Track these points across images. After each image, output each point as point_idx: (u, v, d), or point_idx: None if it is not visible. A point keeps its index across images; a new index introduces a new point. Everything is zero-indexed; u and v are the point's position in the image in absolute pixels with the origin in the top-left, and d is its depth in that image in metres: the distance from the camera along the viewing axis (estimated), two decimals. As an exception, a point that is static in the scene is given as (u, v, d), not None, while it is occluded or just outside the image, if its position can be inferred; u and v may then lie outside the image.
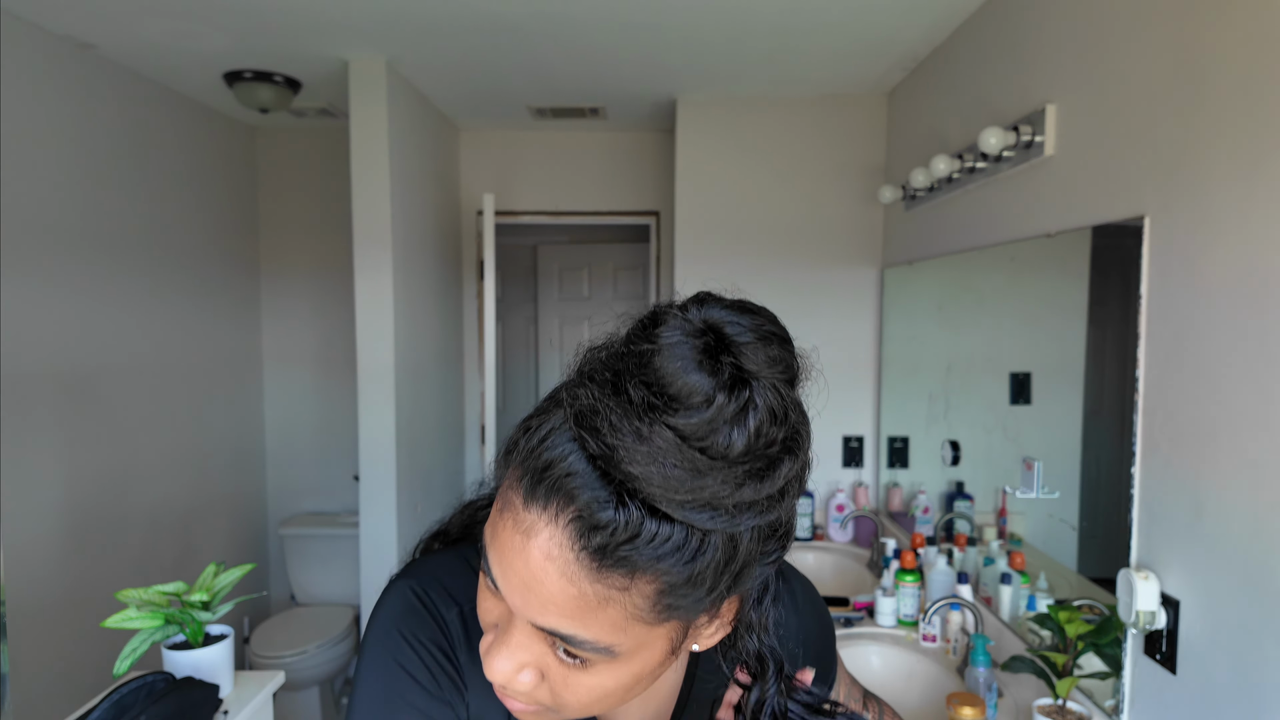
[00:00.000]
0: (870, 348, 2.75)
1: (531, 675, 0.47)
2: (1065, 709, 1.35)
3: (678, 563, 0.42)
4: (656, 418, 0.40)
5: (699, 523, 0.42)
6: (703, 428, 0.40)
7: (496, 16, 2.01)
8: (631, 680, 0.48)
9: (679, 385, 0.40)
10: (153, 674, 1.26)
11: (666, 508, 0.41)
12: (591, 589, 0.42)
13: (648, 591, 0.43)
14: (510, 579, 0.45)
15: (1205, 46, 1.14)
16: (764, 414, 0.41)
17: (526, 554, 0.43)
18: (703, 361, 0.41)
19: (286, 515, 3.28)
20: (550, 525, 0.42)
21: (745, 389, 0.41)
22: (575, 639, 0.44)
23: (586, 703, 0.48)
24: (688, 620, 0.47)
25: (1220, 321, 1.10)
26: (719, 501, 0.41)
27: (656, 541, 0.41)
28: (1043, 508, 1.61)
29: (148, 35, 2.12)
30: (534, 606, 0.44)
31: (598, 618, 0.43)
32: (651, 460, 0.40)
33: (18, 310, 1.98)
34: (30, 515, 2.03)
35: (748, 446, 0.41)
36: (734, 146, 2.74)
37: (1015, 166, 1.68)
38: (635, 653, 0.46)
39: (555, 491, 0.42)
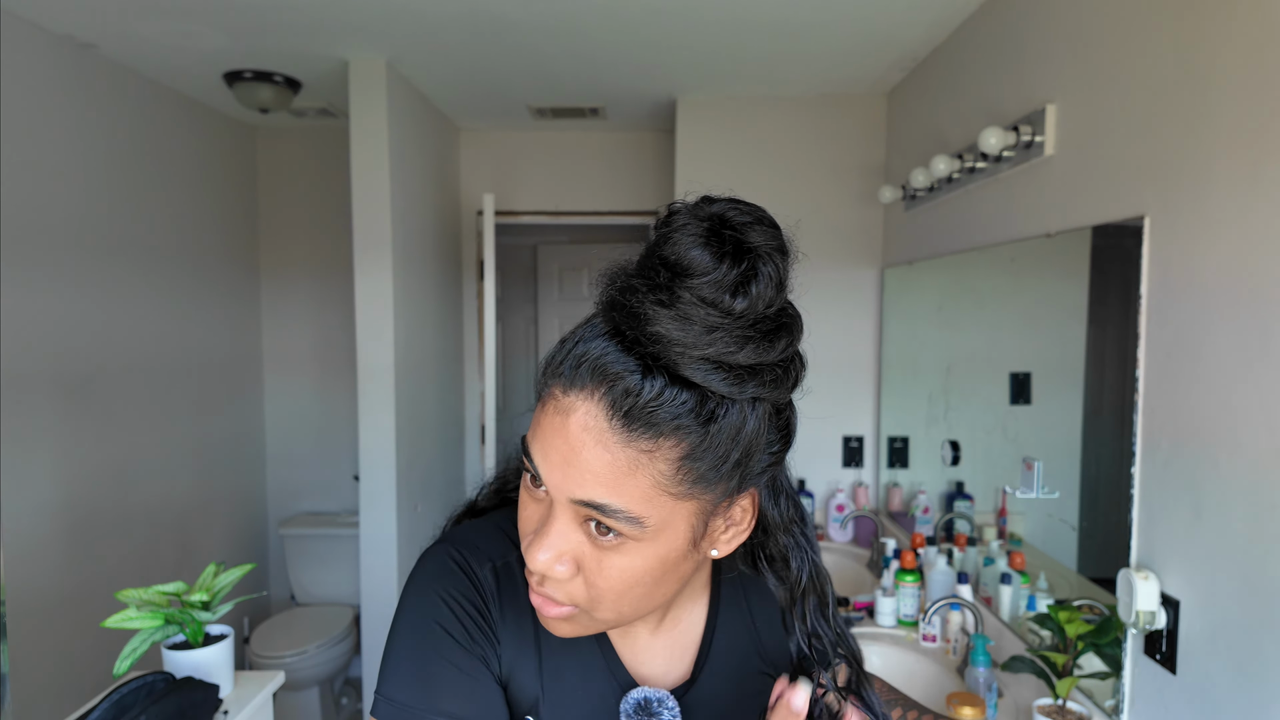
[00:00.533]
0: (870, 348, 2.75)
1: (568, 565, 0.53)
2: (1065, 709, 1.35)
3: (695, 423, 0.49)
4: (675, 284, 0.48)
5: (712, 384, 0.49)
6: (712, 287, 0.48)
7: (497, 16, 2.02)
8: (659, 565, 0.53)
9: (691, 256, 0.48)
10: (153, 674, 1.26)
11: (685, 369, 0.49)
12: (623, 453, 0.49)
13: (671, 457, 0.50)
14: (551, 457, 0.51)
15: (1206, 46, 1.14)
16: (764, 280, 0.49)
17: (566, 430, 0.50)
18: (709, 239, 0.49)
19: (286, 515, 3.28)
20: (586, 401, 0.50)
21: (746, 258, 0.49)
22: (609, 508, 0.50)
23: (619, 588, 0.53)
24: (706, 504, 0.53)
25: (1220, 321, 1.10)
26: (728, 359, 0.49)
27: (676, 403, 0.49)
28: (1043, 508, 1.61)
29: (148, 35, 2.12)
30: (573, 479, 0.50)
31: (629, 485, 0.50)
32: (672, 320, 0.48)
33: (18, 310, 1.98)
34: (30, 515, 2.03)
35: (750, 305, 0.49)
36: (734, 146, 2.74)
37: (1015, 166, 1.68)
38: (661, 531, 0.52)
39: (591, 373, 0.50)
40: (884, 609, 1.92)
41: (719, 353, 0.48)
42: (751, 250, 0.49)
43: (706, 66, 2.41)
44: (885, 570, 2.06)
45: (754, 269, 0.49)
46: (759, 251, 0.50)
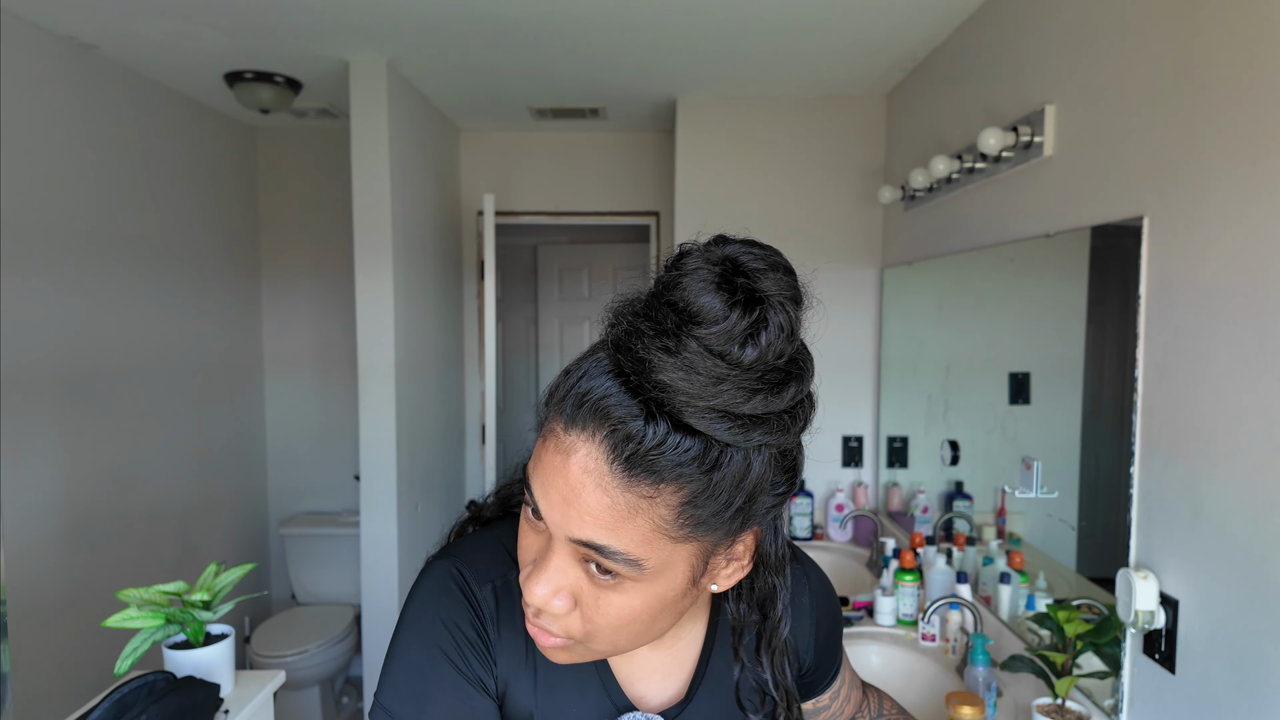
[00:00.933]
0: (870, 348, 2.75)
1: (565, 600, 0.52)
2: (1064, 708, 1.35)
3: (697, 471, 0.48)
4: (683, 332, 0.47)
5: (717, 433, 0.48)
6: (721, 338, 0.46)
7: (497, 17, 2.02)
8: (656, 604, 0.53)
9: (701, 304, 0.47)
10: (154, 673, 1.26)
11: (690, 416, 0.47)
12: (623, 498, 0.48)
13: (672, 503, 0.49)
14: (551, 496, 0.51)
15: (1204, 47, 1.14)
16: (774, 330, 0.48)
17: (566, 471, 0.49)
18: (721, 284, 0.47)
19: (287, 515, 3.28)
20: (588, 443, 0.49)
21: (757, 307, 0.47)
22: (608, 549, 0.49)
23: (615, 625, 0.53)
24: (707, 545, 0.53)
25: (1219, 321, 1.11)
26: (734, 409, 0.47)
27: (679, 450, 0.48)
28: (1042, 507, 1.61)
29: (148, 35, 2.13)
30: (572, 520, 0.50)
31: (628, 529, 0.49)
32: (678, 369, 0.46)
33: (18, 310, 1.98)
34: (31, 515, 2.03)
35: (760, 356, 0.47)
36: (734, 147, 2.74)
37: (1014, 167, 1.69)
38: (660, 573, 0.51)
39: (593, 414, 0.49)
40: (883, 608, 1.92)
41: (725, 403, 0.47)
42: (764, 299, 0.48)
43: (706, 66, 2.41)
44: (884, 570, 2.06)
45: (765, 319, 0.47)
46: (771, 301, 0.48)
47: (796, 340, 0.51)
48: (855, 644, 1.84)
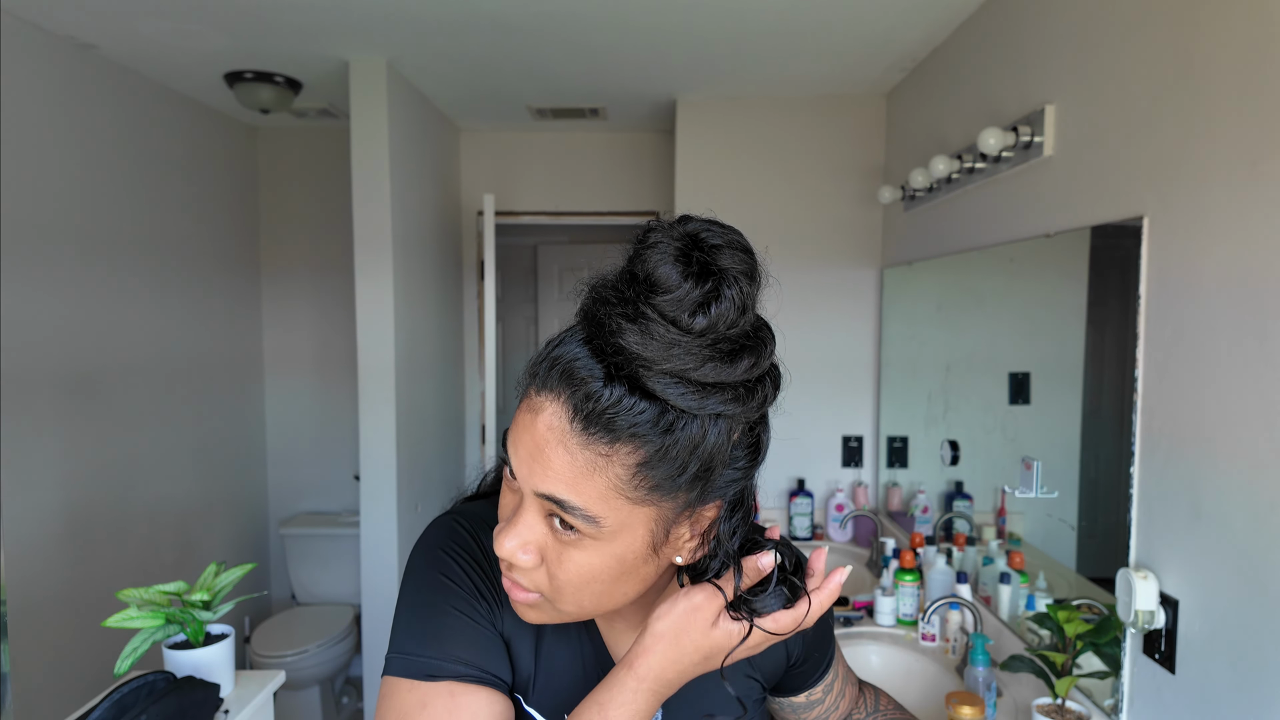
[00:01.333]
0: (869, 348, 2.75)
1: (532, 555, 0.56)
2: (1064, 708, 1.35)
3: (652, 433, 0.51)
4: (641, 300, 0.51)
5: (672, 397, 0.51)
6: (674, 305, 0.50)
7: (497, 17, 2.02)
8: (616, 565, 0.55)
9: (659, 274, 0.50)
10: (153, 673, 1.26)
11: (647, 380, 0.51)
12: (582, 455, 0.51)
13: (628, 463, 0.52)
14: (520, 452, 0.54)
15: (1204, 47, 1.14)
16: (726, 302, 0.51)
17: (534, 428, 0.53)
18: (679, 257, 0.51)
19: (287, 515, 3.28)
20: (554, 403, 0.53)
21: (711, 279, 0.51)
22: (568, 504, 0.52)
23: (577, 583, 0.56)
24: (666, 512, 0.55)
25: (1219, 321, 1.11)
26: (688, 374, 0.50)
27: (634, 411, 0.51)
28: (1042, 507, 1.61)
29: (148, 36, 2.13)
30: (537, 474, 0.53)
31: (587, 486, 0.52)
32: (635, 333, 0.50)
33: (18, 310, 1.98)
34: (31, 515, 2.03)
35: (711, 325, 0.50)
36: (734, 147, 2.74)
37: (1014, 167, 1.69)
38: (618, 533, 0.54)
39: (560, 377, 0.53)
40: (883, 608, 1.92)
41: (678, 368, 0.50)
42: (718, 272, 0.51)
43: (706, 66, 2.41)
44: (884, 570, 2.06)
45: (717, 291, 0.51)
46: (726, 275, 0.51)
47: (750, 314, 0.53)
48: (855, 644, 1.84)
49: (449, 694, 0.59)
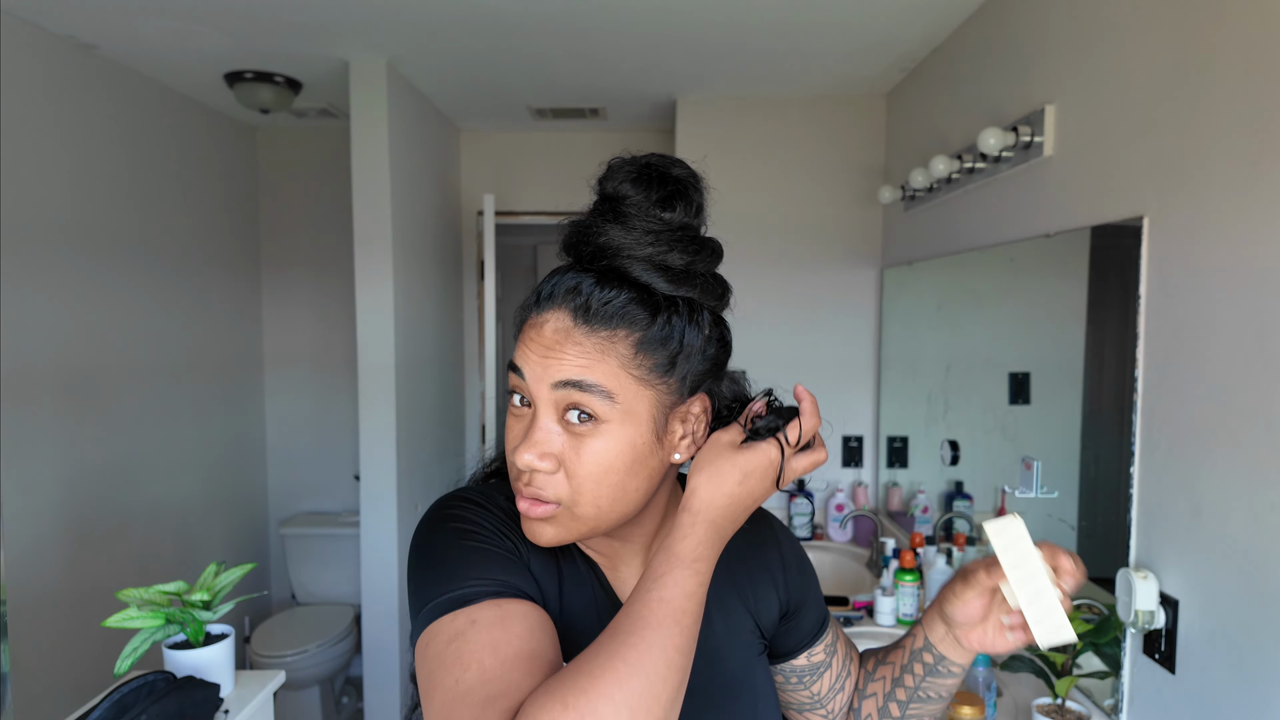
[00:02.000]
0: (869, 348, 2.75)
1: (550, 461, 0.60)
2: (1064, 708, 1.35)
3: (643, 314, 0.60)
4: (616, 207, 0.63)
5: (654, 282, 0.62)
6: (646, 204, 0.62)
7: (497, 17, 2.02)
8: (630, 452, 0.61)
9: (626, 188, 0.63)
10: (153, 673, 1.26)
11: (631, 269, 0.62)
12: (590, 342, 0.59)
13: (629, 342, 0.60)
14: (532, 358, 0.61)
15: (1204, 47, 1.14)
16: (685, 200, 0.64)
17: (543, 336, 0.61)
18: (640, 174, 0.64)
19: (287, 515, 3.28)
20: (557, 312, 0.61)
21: (669, 185, 0.63)
22: (585, 382, 0.59)
23: (596, 474, 0.60)
24: (663, 396, 0.62)
25: (1219, 321, 1.11)
26: (663, 260, 0.62)
27: (626, 298, 0.60)
28: (1042, 507, 1.61)
29: (148, 35, 2.13)
30: (552, 367, 0.59)
31: (599, 367, 0.59)
32: (616, 229, 0.62)
33: (18, 310, 1.98)
34: (31, 515, 2.03)
35: (677, 217, 0.63)
36: (734, 146, 2.74)
37: (1014, 167, 1.69)
38: (628, 414, 0.60)
39: (557, 292, 0.62)
40: (883, 608, 1.92)
41: (656, 254, 0.62)
42: (674, 179, 0.64)
43: (706, 66, 2.41)
44: (884, 570, 2.06)
45: (677, 191, 0.63)
46: (680, 180, 0.64)
47: (704, 216, 0.66)
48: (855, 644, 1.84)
49: (495, 606, 0.57)
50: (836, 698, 0.80)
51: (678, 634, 0.52)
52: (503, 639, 0.54)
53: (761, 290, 2.73)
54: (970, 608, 0.69)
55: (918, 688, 0.76)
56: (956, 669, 0.73)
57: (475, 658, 0.53)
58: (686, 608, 0.54)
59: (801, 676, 0.80)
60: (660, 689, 0.50)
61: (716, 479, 0.61)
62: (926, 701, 0.76)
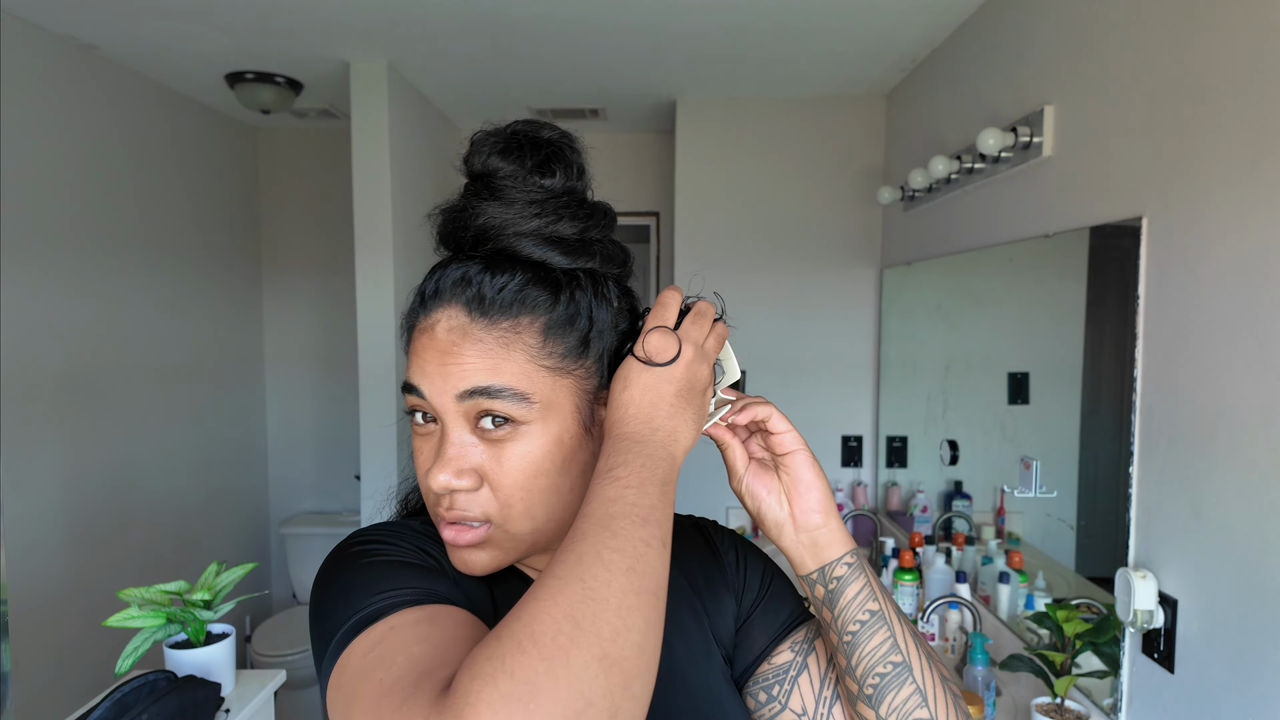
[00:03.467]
0: (869, 348, 2.75)
1: (470, 477, 0.54)
2: (1063, 707, 1.35)
3: (544, 295, 0.55)
4: (489, 184, 0.57)
5: (550, 258, 0.56)
6: (521, 174, 0.57)
7: (497, 18, 2.02)
8: (557, 449, 0.55)
9: (494, 162, 0.57)
10: (154, 673, 1.27)
11: (521, 248, 0.56)
12: (491, 337, 0.53)
13: (534, 329, 0.54)
14: (429, 369, 0.54)
15: (1203, 48, 1.14)
16: (563, 163, 0.58)
17: (435, 340, 0.54)
18: (507, 145, 0.57)
19: (287, 514, 3.28)
20: (446, 310, 0.54)
21: (543, 149, 0.57)
22: (493, 388, 0.52)
23: (524, 480, 0.54)
24: (582, 382, 0.56)
25: (1218, 321, 1.11)
26: (556, 231, 0.56)
27: (521, 280, 0.54)
28: (1041, 507, 1.61)
29: (149, 36, 2.13)
30: (454, 375, 0.53)
31: (506, 365, 0.53)
32: (495, 206, 0.56)
33: (19, 310, 1.98)
34: (32, 514, 2.03)
35: (557, 182, 0.57)
36: (734, 147, 2.74)
37: (1013, 167, 1.69)
38: (548, 410, 0.54)
39: (443, 288, 0.55)
40: (883, 608, 1.92)
41: (544, 226, 0.56)
42: (546, 143, 0.58)
43: (706, 67, 2.42)
44: (884, 569, 2.06)
45: (552, 154, 0.57)
46: (553, 143, 0.58)
47: (587, 176, 0.60)
48: (855, 643, 1.84)
49: (417, 610, 0.48)
50: (833, 710, 0.63)
51: (609, 536, 0.44)
52: (432, 630, 0.46)
53: (762, 290, 2.74)
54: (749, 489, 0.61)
55: (833, 632, 0.60)
56: (810, 573, 0.60)
57: (402, 650, 0.45)
58: (613, 511, 0.46)
59: (771, 689, 0.65)
60: (604, 591, 0.41)
61: (612, 398, 0.55)
62: (856, 648, 0.59)
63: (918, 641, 0.60)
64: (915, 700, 0.58)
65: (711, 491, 2.47)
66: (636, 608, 0.42)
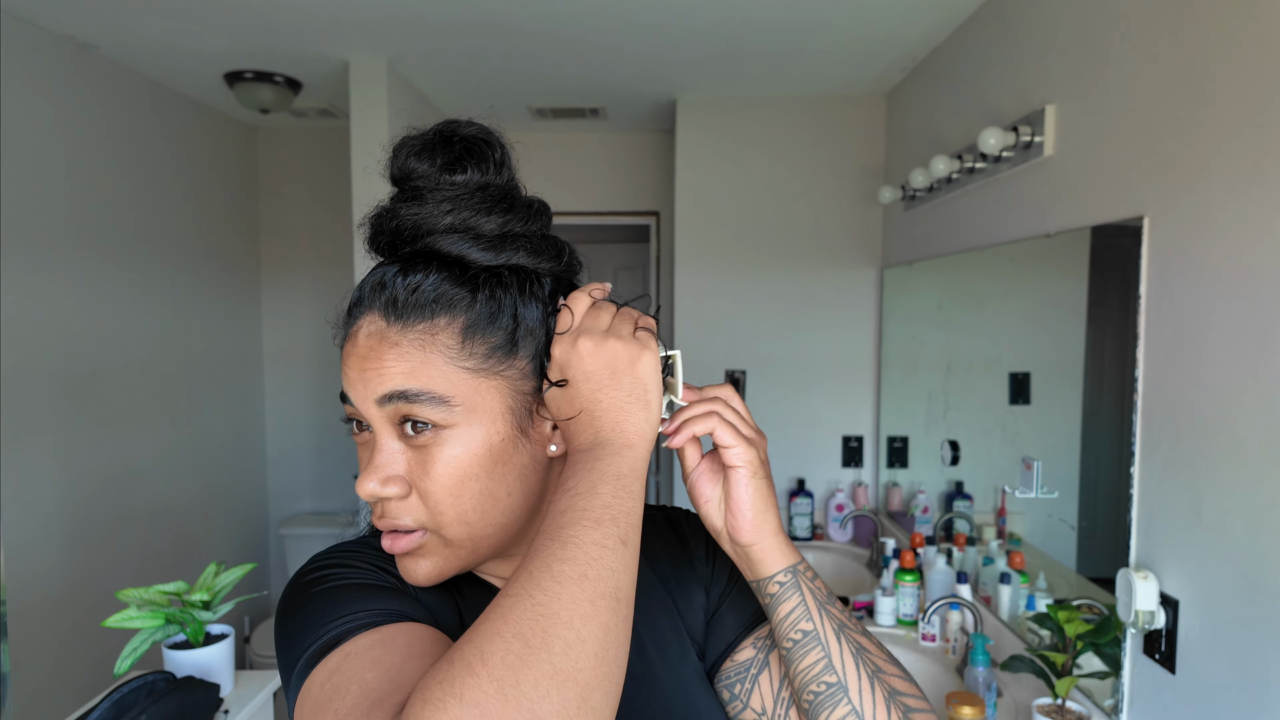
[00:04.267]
0: (870, 348, 2.75)
1: (398, 485, 0.53)
2: (1064, 708, 1.35)
3: (462, 293, 0.53)
4: (407, 186, 0.57)
5: (468, 253, 0.55)
6: (433, 173, 0.56)
7: (497, 17, 2.02)
8: (486, 454, 0.53)
9: (412, 163, 0.56)
10: (153, 673, 1.26)
11: (438, 244, 0.55)
12: (407, 340, 0.52)
13: (452, 330, 0.53)
14: (351, 375, 0.53)
15: (1205, 47, 1.14)
16: (479, 157, 0.57)
17: (356, 347, 0.54)
18: (425, 146, 0.57)
19: (286, 515, 3.28)
20: (367, 316, 0.54)
21: (457, 145, 0.56)
22: (410, 392, 0.51)
23: (452, 486, 0.53)
24: (514, 384, 0.55)
25: (1219, 321, 1.11)
26: (473, 226, 0.55)
27: (437, 279, 0.53)
28: (1042, 507, 1.61)
29: (148, 35, 2.13)
30: (372, 379, 0.52)
31: (423, 369, 0.52)
32: (410, 207, 0.55)
33: (19, 310, 1.98)
34: (31, 515, 2.03)
35: (473, 176, 0.56)
36: (734, 146, 2.74)
37: (1015, 167, 1.69)
38: (473, 412, 0.53)
39: (362, 296, 0.55)
40: (883, 608, 1.92)
41: (460, 222, 0.55)
42: (461, 139, 0.57)
43: (706, 66, 2.41)
44: (885, 570, 2.06)
45: (466, 151, 0.56)
46: (468, 138, 0.57)
47: (509, 173, 0.59)
48: (855, 644, 1.84)
49: (373, 634, 0.49)
50: (789, 712, 0.61)
51: (558, 547, 0.44)
52: (385, 654, 0.47)
53: (762, 290, 2.73)
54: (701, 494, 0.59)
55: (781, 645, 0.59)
56: (750, 581, 0.59)
57: (355, 679, 0.45)
58: (562, 521, 0.46)
59: (733, 687, 0.63)
60: (553, 605, 0.41)
61: (559, 426, 0.56)
62: (791, 663, 0.57)
63: (859, 659, 0.57)
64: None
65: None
66: (591, 616, 0.42)
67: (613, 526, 0.46)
